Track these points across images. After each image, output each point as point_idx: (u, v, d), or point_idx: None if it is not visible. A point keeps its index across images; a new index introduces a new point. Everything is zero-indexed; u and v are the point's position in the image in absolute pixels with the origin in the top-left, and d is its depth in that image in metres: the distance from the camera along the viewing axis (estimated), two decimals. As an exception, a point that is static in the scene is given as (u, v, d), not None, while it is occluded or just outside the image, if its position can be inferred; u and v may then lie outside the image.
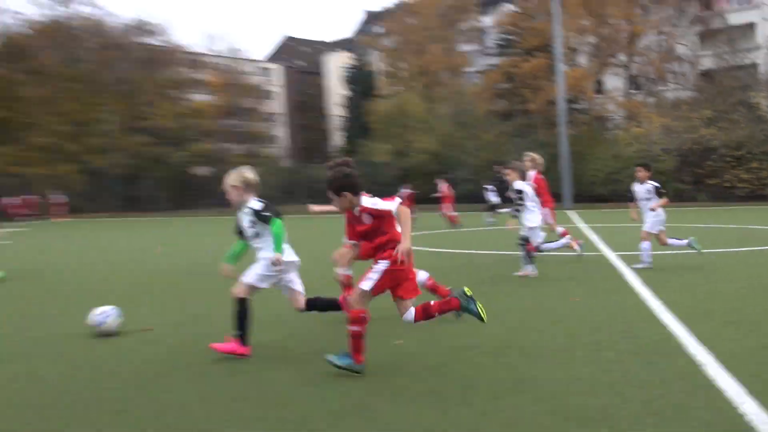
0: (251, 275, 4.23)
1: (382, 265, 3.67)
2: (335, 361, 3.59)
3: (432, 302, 3.98)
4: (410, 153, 39.04)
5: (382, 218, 3.78)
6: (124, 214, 38.66)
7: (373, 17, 62.92)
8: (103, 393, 3.56)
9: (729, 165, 28.16)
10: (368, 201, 3.80)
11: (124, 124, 44.56)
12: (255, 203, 4.26)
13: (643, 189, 7.79)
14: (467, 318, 4.20)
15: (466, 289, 4.02)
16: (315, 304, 4.49)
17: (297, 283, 4.43)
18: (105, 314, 4.94)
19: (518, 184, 7.56)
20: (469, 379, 3.57)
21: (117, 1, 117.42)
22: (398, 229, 3.80)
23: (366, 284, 3.66)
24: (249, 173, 4.40)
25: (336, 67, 65.62)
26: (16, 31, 44.55)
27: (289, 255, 4.26)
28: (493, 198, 19.06)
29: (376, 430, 2.83)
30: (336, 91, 63.32)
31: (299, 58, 77.53)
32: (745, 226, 14.37)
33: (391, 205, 3.72)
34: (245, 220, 4.32)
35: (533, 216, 7.54)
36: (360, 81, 52.74)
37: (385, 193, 4.30)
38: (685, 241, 7.81)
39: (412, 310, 3.80)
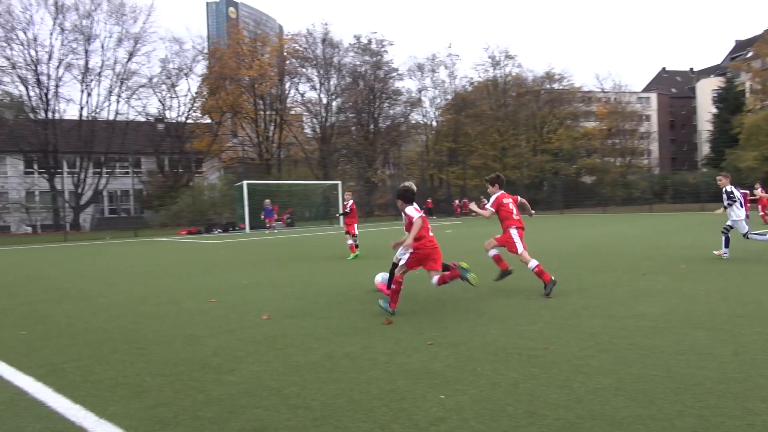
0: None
1: (409, 251, 5.88)
2: (381, 304, 5.88)
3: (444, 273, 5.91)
4: (776, 158, 45.96)
5: (410, 222, 5.82)
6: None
7: (742, 44, 70.12)
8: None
9: None
10: (409, 209, 5.89)
11: (531, 148, 62.62)
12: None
13: None
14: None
15: (463, 263, 5.93)
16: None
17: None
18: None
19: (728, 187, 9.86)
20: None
21: (532, 58, 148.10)
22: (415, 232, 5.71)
23: (402, 262, 6.04)
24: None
25: (705, 89, 74.27)
26: (462, 88, 66.84)
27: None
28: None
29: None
30: (705, 110, 71.67)
31: (671, 85, 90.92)
32: None
33: (415, 215, 5.78)
34: None
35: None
36: (728, 99, 60.71)
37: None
38: None
39: (436, 278, 5.89)
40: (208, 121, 49.86)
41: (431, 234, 6.03)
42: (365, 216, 44.95)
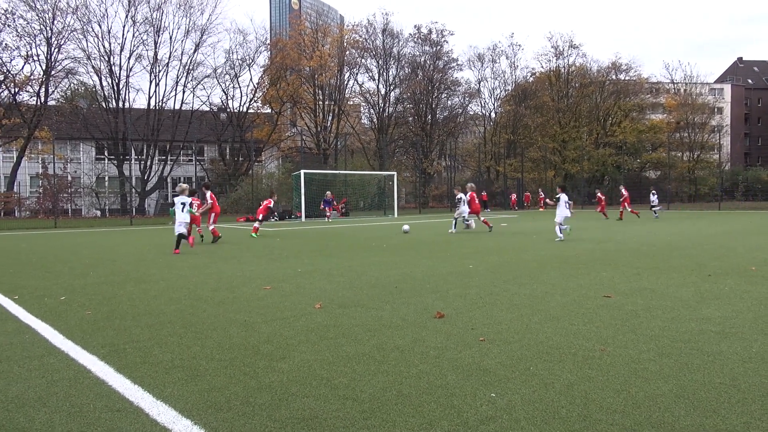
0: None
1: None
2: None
3: None
4: None
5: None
6: (588, 206, 53.73)
7: None
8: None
9: None
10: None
11: (594, 140, 60.71)
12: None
13: None
14: None
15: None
16: None
17: None
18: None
19: None
20: None
21: (598, 47, 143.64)
22: None
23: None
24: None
25: None
26: (522, 79, 65.47)
27: None
28: None
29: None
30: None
31: (748, 76, 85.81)
32: None
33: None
34: None
35: None
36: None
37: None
38: None
39: None
40: (269, 110, 50.82)
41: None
42: (420, 207, 44.85)
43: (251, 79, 51.20)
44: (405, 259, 10.77)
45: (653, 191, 29.55)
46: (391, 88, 54.23)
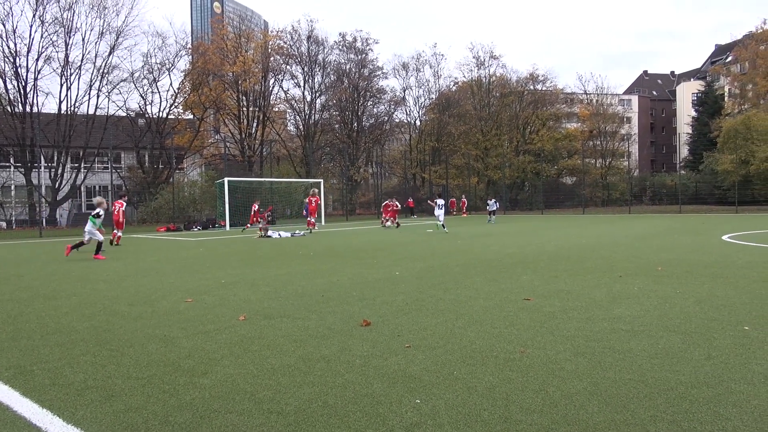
0: None
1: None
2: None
3: None
4: (752, 162, 46.80)
5: None
6: (510, 212, 55.89)
7: (722, 49, 71.47)
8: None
9: None
10: None
11: (514, 148, 62.96)
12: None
13: None
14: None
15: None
16: None
17: None
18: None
19: None
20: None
21: (517, 58, 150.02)
22: None
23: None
24: None
25: (685, 93, 75.49)
26: (446, 88, 67.00)
27: None
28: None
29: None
30: (684, 113, 72.85)
31: (652, 88, 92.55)
32: None
33: None
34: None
35: None
36: (707, 103, 61.70)
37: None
38: None
39: None
40: (190, 116, 49.31)
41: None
42: (347, 214, 44.85)
43: (171, 84, 49.51)
44: (332, 267, 10.73)
45: (493, 198, 33.86)
46: (317, 95, 54.03)
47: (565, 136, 63.30)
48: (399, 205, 28.90)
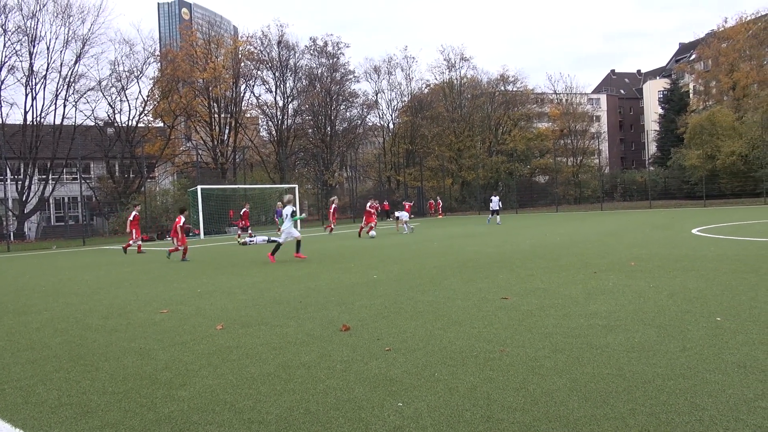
0: None
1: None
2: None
3: None
4: (718, 156, 47.92)
5: None
6: (485, 212, 56.13)
7: (686, 47, 73.46)
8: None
9: None
10: None
11: (487, 149, 63.51)
12: None
13: None
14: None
15: None
16: None
17: None
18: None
19: None
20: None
21: (487, 60, 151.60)
22: None
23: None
24: None
25: (651, 91, 77.36)
26: (418, 90, 67.29)
27: None
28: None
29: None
30: (652, 111, 74.56)
31: (620, 87, 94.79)
32: None
33: None
34: None
35: None
36: (673, 100, 63.12)
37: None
38: None
39: None
40: (161, 124, 48.62)
41: None
42: (322, 219, 44.69)
43: (140, 92, 48.89)
44: (310, 272, 10.67)
45: (497, 196, 30.43)
46: (289, 100, 53.79)
47: (537, 135, 64.01)
48: (379, 205, 28.00)
